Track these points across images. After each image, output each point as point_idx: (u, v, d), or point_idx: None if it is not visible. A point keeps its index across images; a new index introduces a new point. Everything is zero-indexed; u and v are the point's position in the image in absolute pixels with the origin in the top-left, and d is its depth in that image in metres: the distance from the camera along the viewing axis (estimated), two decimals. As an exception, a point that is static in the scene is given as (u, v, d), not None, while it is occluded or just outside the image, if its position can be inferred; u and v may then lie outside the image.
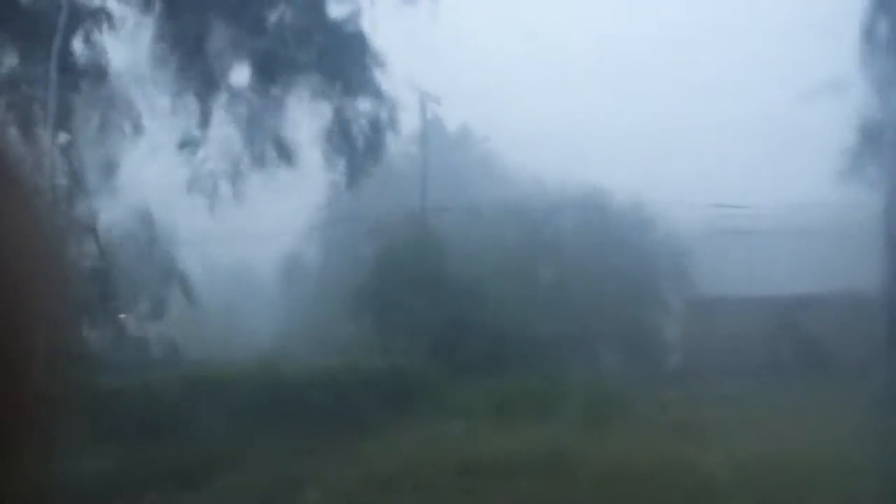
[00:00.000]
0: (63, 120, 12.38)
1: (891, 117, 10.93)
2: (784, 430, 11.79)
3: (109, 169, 13.56)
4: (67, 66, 11.99)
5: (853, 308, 20.32)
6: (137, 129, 13.46)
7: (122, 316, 15.06)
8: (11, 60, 11.94)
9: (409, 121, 21.03)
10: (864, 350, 16.55)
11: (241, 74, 13.70)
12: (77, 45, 12.35)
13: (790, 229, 25.44)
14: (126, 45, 12.71)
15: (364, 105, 14.28)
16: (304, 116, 14.05)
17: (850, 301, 21.23)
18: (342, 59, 13.70)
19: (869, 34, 9.78)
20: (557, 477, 9.43)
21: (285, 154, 14.07)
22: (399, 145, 17.17)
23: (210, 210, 15.19)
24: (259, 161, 14.23)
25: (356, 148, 14.37)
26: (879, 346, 11.39)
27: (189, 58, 13.00)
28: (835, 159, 22.46)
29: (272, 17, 13.12)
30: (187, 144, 13.83)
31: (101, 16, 12.41)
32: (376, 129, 14.36)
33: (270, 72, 13.44)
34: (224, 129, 14.05)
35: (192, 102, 13.55)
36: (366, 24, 13.80)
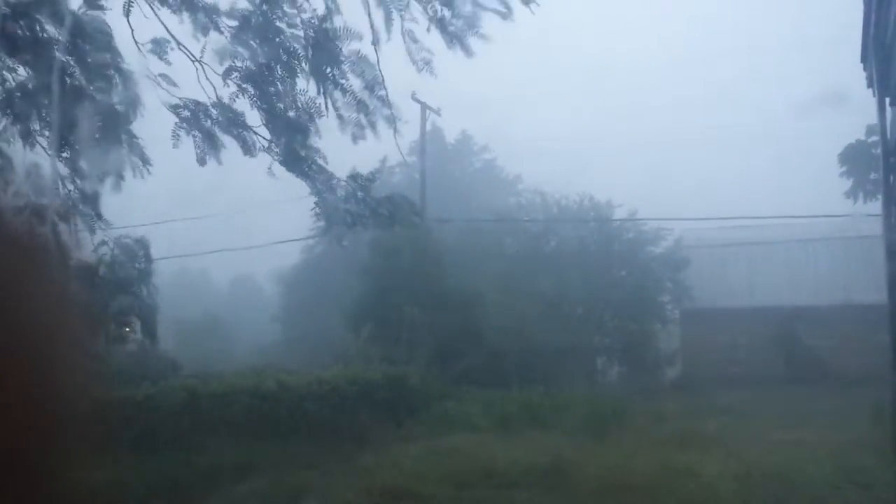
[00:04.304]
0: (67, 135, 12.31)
1: (890, 128, 10.97)
2: (783, 440, 11.79)
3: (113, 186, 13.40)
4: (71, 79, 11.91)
5: (853, 319, 20.35)
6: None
7: (126, 330, 15.07)
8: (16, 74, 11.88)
9: (409, 131, 21.14)
10: (864, 361, 16.54)
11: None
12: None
13: (790, 241, 25.51)
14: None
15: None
16: None
17: (850, 312, 21.28)
18: None
19: (867, 45, 9.83)
20: (557, 488, 9.42)
21: None
22: (399, 156, 17.09)
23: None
24: None
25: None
26: (880, 358, 11.38)
27: None
28: (835, 171, 22.58)
29: None
30: None
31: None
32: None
33: None
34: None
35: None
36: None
